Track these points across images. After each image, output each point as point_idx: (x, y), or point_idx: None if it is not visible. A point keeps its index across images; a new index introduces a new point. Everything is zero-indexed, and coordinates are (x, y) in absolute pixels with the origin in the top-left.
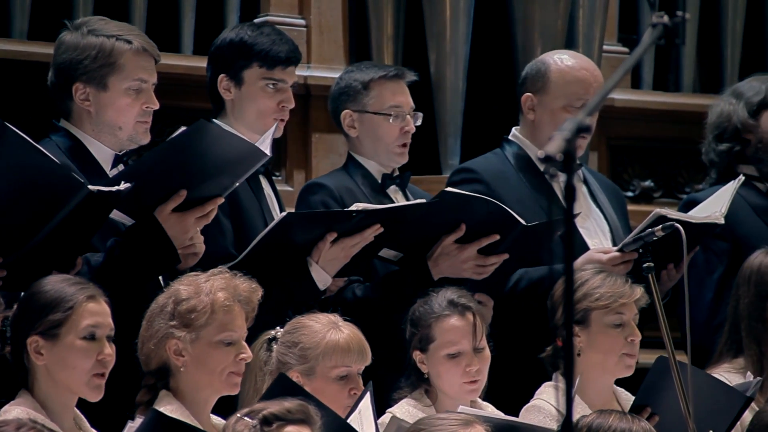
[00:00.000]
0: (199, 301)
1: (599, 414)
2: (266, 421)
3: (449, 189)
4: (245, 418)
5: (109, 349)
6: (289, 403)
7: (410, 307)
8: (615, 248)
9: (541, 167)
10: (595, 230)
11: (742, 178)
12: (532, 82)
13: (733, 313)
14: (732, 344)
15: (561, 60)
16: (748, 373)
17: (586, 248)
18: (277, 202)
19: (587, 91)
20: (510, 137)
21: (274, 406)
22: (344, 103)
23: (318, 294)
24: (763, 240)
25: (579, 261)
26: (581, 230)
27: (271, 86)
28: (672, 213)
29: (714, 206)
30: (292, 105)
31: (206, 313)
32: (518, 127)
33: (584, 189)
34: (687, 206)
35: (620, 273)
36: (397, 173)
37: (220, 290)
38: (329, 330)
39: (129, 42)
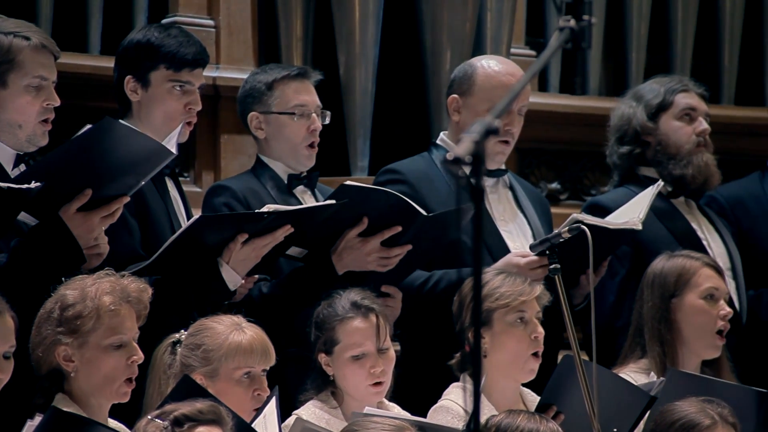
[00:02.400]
0: (84, 307)
1: (508, 414)
2: (177, 422)
3: (349, 182)
4: (156, 419)
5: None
6: (200, 404)
7: (316, 304)
8: (534, 252)
9: (451, 169)
10: (518, 234)
11: (660, 184)
12: (459, 84)
13: (637, 317)
14: (636, 346)
15: (489, 64)
16: (652, 373)
17: (506, 251)
18: (184, 203)
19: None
20: (438, 141)
21: (185, 407)
22: (250, 105)
23: (229, 294)
24: (663, 243)
25: (498, 264)
26: (503, 233)
27: (178, 88)
28: (589, 218)
29: (632, 211)
30: (199, 107)
31: (92, 318)
32: (446, 131)
33: (509, 194)
34: (590, 208)
35: (538, 277)
36: (304, 174)
37: (106, 294)
38: (232, 331)
39: (27, 38)
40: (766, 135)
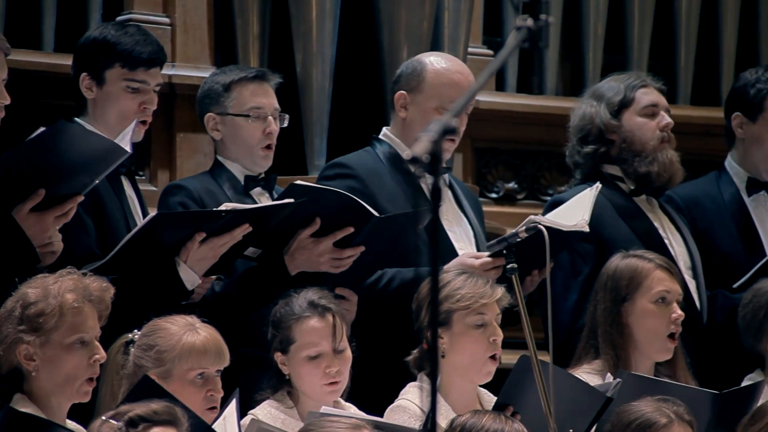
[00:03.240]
0: (47, 305)
1: (473, 414)
2: (132, 423)
3: (298, 182)
4: (111, 420)
5: None
6: (155, 405)
7: (270, 304)
8: (486, 253)
9: (410, 168)
10: (462, 235)
11: (599, 185)
12: (407, 80)
13: (591, 318)
14: (590, 348)
15: (437, 62)
16: (608, 374)
17: (453, 252)
18: (139, 202)
19: (459, 95)
20: (381, 136)
21: (140, 408)
22: (207, 106)
23: (186, 294)
24: (626, 242)
25: (450, 266)
26: (449, 233)
27: (133, 87)
28: (544, 220)
29: (575, 212)
30: (155, 107)
31: (55, 315)
32: (389, 126)
33: (450, 194)
34: (552, 207)
35: (491, 278)
36: (262, 175)
37: (69, 291)
38: (186, 332)
39: None
40: (721, 135)
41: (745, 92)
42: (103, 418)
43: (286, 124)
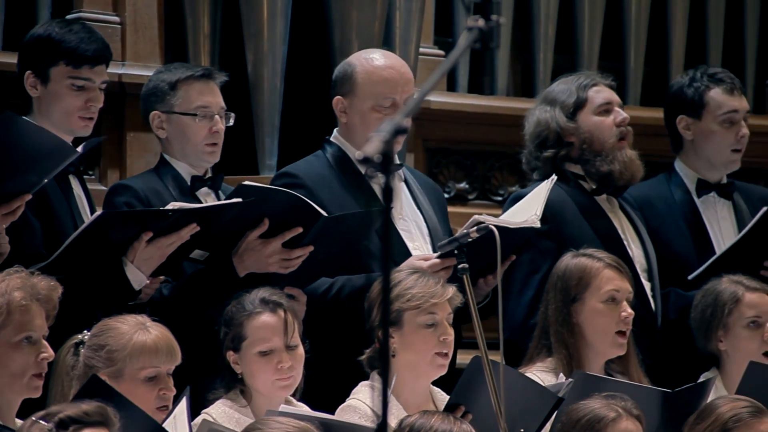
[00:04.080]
0: None
1: (422, 414)
2: (62, 424)
3: (247, 182)
4: (40, 421)
5: None
6: (86, 405)
7: (220, 306)
8: (435, 254)
9: (361, 168)
10: (416, 233)
11: (554, 178)
12: (341, 85)
13: (543, 318)
14: (543, 347)
15: (367, 60)
16: (561, 374)
17: (406, 251)
18: (88, 202)
19: (394, 90)
20: (331, 138)
21: (70, 409)
22: (153, 104)
23: (133, 294)
24: (587, 241)
25: (401, 267)
26: (402, 233)
27: (78, 85)
28: (489, 218)
29: (529, 208)
30: (100, 104)
31: (2, 314)
32: (338, 128)
33: (405, 189)
34: (514, 202)
35: (442, 278)
36: (209, 174)
37: (17, 290)
38: (137, 331)
39: None
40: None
41: (684, 94)
42: (33, 418)
43: (232, 123)
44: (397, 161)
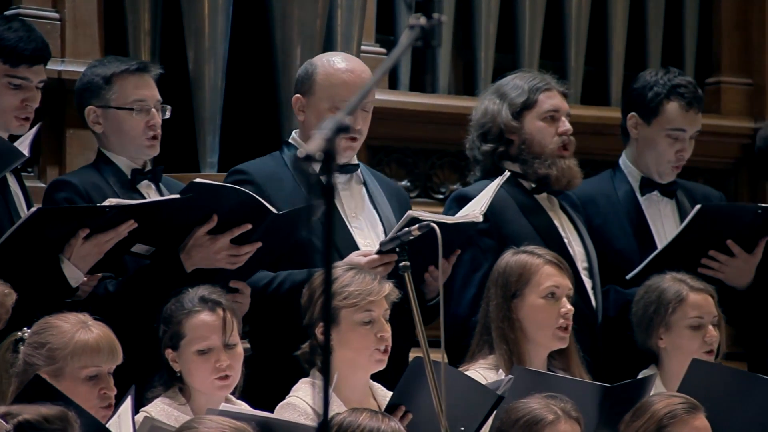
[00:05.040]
0: None
1: (351, 412)
2: (21, 428)
3: (198, 180)
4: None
5: None
6: (46, 410)
7: (163, 302)
8: (374, 250)
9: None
10: (369, 231)
11: (507, 174)
12: (302, 83)
13: (484, 314)
14: (484, 344)
15: (329, 62)
16: (500, 370)
17: (355, 248)
18: (26, 199)
19: (352, 94)
20: (290, 140)
21: (30, 413)
22: (87, 99)
23: (71, 291)
24: (527, 238)
25: (339, 263)
26: (353, 230)
27: (15, 84)
28: (424, 214)
29: (477, 203)
30: (37, 104)
31: None
32: (296, 129)
33: (362, 190)
34: (457, 200)
35: (381, 275)
36: (149, 167)
37: None
38: (78, 330)
39: None
40: (611, 134)
41: (643, 94)
42: None
43: (168, 116)
44: (354, 161)
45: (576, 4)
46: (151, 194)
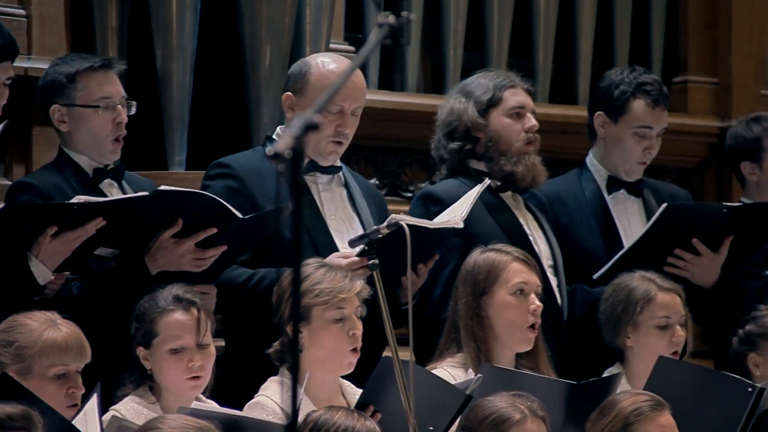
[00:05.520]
0: None
1: (326, 410)
2: None
3: (163, 188)
4: None
5: None
6: (10, 408)
7: (131, 303)
8: (355, 251)
9: (273, 165)
10: (348, 233)
11: (487, 181)
12: (294, 82)
13: (452, 312)
14: (452, 342)
15: (324, 63)
16: (470, 369)
17: (335, 249)
18: None
19: (344, 98)
20: (274, 135)
21: None
22: (52, 97)
23: (38, 289)
24: (492, 236)
25: (308, 262)
26: (333, 232)
27: None
28: (408, 218)
29: (457, 209)
30: (4, 101)
31: None
32: (283, 126)
33: (344, 192)
34: (423, 198)
35: (360, 276)
36: (111, 167)
37: None
38: (46, 328)
39: None
40: (579, 133)
41: (610, 93)
42: None
43: (134, 112)
44: (337, 163)
45: (544, 3)
46: (113, 192)
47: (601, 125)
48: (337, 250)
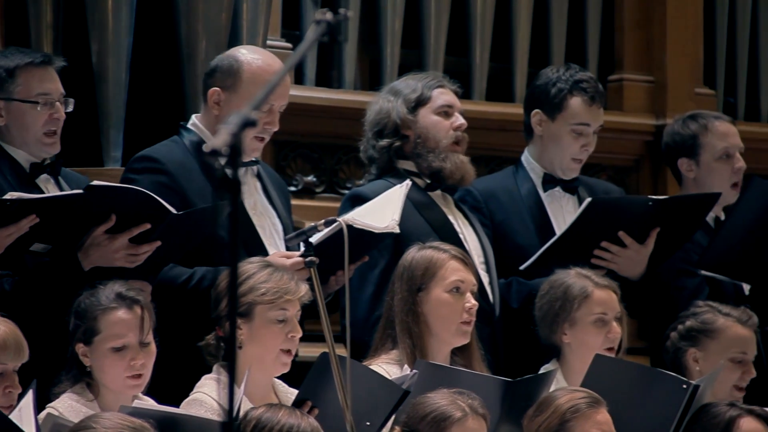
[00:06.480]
0: None
1: (268, 408)
2: None
3: (96, 183)
4: None
5: None
6: None
7: (65, 299)
8: (297, 253)
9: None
10: (269, 228)
11: (409, 183)
12: (222, 77)
13: (388, 309)
14: (387, 338)
15: (254, 60)
16: (405, 365)
17: (261, 247)
18: None
19: (275, 96)
20: (189, 125)
21: None
22: None
23: None
24: (422, 234)
25: (253, 260)
26: (258, 229)
27: None
28: (356, 221)
29: (384, 210)
30: None
31: None
32: (199, 114)
33: (258, 184)
34: (351, 200)
35: (302, 277)
36: (48, 162)
37: None
38: None
39: None
40: (516, 130)
41: (546, 91)
42: None
43: (71, 109)
44: (254, 158)
45: (481, 1)
46: (50, 188)
47: (538, 123)
48: (262, 245)
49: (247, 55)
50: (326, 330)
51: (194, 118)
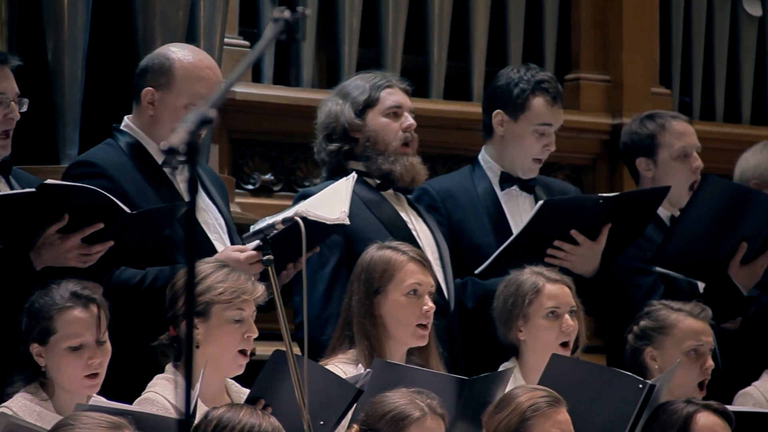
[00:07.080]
0: None
1: (229, 408)
2: None
3: (49, 181)
4: None
5: None
6: None
7: (16, 299)
8: (251, 246)
9: (162, 160)
10: (215, 226)
11: (354, 175)
12: (154, 76)
13: (346, 308)
14: (345, 338)
15: (185, 57)
16: (360, 364)
17: (209, 243)
18: None
19: (210, 90)
20: (123, 127)
21: None
22: None
23: None
24: (373, 231)
25: (212, 258)
26: (203, 225)
27: None
28: (310, 213)
29: (332, 203)
30: None
31: None
32: (131, 116)
33: (199, 184)
34: (301, 200)
35: (256, 271)
36: None
37: None
38: None
39: None
40: (473, 129)
41: (509, 91)
42: None
43: (26, 109)
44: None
45: (439, 0)
46: (0, 188)
47: (500, 123)
48: (209, 241)
49: (177, 52)
50: (284, 329)
51: (127, 120)
